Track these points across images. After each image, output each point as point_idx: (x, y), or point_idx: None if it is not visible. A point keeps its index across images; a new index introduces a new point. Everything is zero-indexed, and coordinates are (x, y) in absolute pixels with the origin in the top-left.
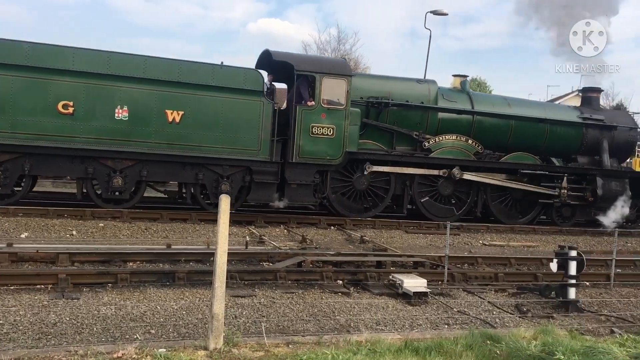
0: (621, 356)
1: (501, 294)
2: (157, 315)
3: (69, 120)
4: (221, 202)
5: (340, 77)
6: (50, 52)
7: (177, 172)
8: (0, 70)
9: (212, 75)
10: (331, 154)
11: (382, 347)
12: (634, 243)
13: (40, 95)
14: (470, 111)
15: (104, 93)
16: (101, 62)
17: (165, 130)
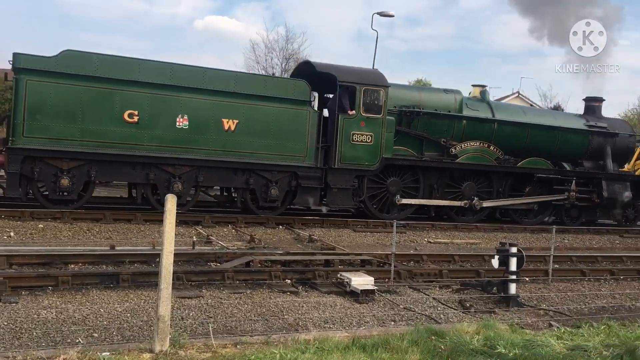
0: (558, 348)
1: (445, 290)
2: (101, 319)
3: (133, 129)
4: (167, 202)
5: (378, 88)
6: (117, 63)
7: (229, 177)
8: (71, 81)
9: (264, 85)
10: (369, 160)
11: (330, 345)
12: (570, 239)
13: (108, 105)
14: (492, 119)
15: (166, 103)
16: (164, 73)
17: (221, 137)
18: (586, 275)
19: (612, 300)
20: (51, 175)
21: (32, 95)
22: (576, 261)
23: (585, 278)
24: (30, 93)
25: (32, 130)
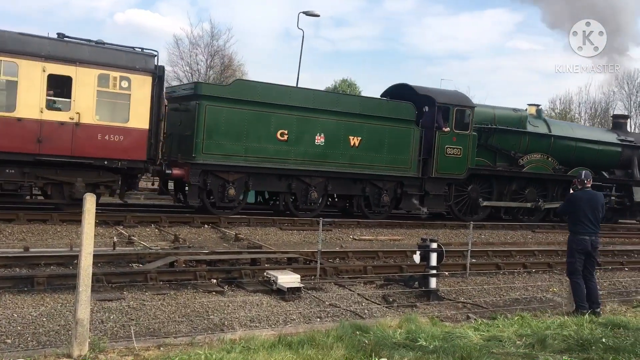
0: (475, 339)
1: (370, 286)
2: (14, 324)
3: (284, 146)
4: (85, 201)
5: (466, 108)
6: (275, 90)
7: (349, 186)
8: (240, 106)
9: (380, 107)
10: (458, 170)
11: (256, 344)
12: (487, 235)
13: (265, 126)
14: (549, 134)
15: (309, 123)
16: (308, 98)
17: (348, 152)
18: (501, 268)
19: (525, 293)
20: (219, 185)
21: (209, 118)
22: (492, 255)
23: (500, 271)
24: (208, 116)
25: (209, 148)
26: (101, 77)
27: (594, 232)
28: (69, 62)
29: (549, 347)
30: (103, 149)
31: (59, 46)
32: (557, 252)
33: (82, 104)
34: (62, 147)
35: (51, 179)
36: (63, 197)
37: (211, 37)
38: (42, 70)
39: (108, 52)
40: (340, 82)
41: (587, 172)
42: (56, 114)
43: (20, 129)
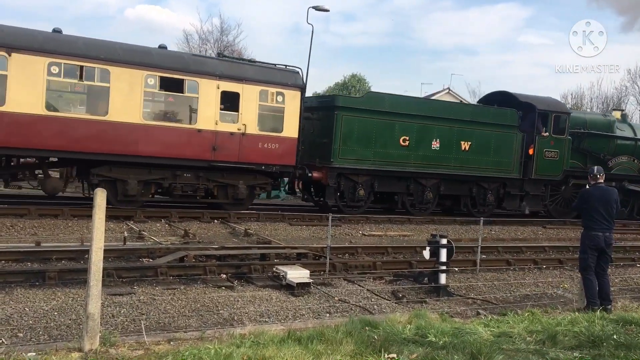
0: (485, 335)
1: (379, 282)
2: (26, 318)
3: (405, 151)
4: (96, 196)
5: (563, 114)
6: (399, 100)
7: (458, 187)
8: (370, 115)
9: (487, 114)
10: (555, 172)
11: (266, 339)
12: (497, 231)
13: (390, 133)
14: (635, 138)
15: (427, 130)
16: (426, 107)
17: (459, 156)
18: (512, 265)
19: (536, 289)
20: (350, 187)
21: (345, 127)
22: (502, 251)
23: (510, 268)
24: (344, 125)
25: (344, 153)
26: (262, 93)
27: (607, 228)
28: (237, 80)
29: (560, 344)
30: (262, 155)
31: (229, 66)
32: (568, 248)
33: (247, 116)
34: (231, 154)
35: (219, 182)
36: (227, 197)
37: (221, 33)
38: (217, 88)
39: (266, 71)
40: (349, 77)
41: (599, 168)
42: (227, 125)
43: (200, 139)
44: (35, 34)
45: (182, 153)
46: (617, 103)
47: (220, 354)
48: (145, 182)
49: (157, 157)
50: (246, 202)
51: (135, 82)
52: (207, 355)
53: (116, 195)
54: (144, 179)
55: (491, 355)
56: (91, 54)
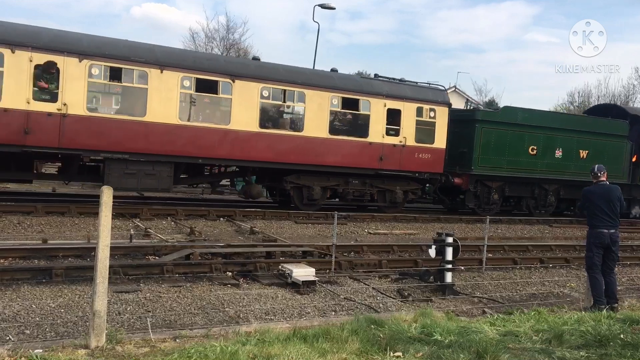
0: (491, 334)
1: (384, 280)
2: (33, 315)
3: (533, 159)
4: (102, 194)
5: None
6: (530, 113)
7: (574, 191)
8: (505, 127)
9: (603, 125)
10: None
11: (271, 337)
12: (503, 229)
13: (521, 143)
14: None
15: (551, 140)
16: (550, 119)
17: (578, 163)
18: (518, 263)
19: (542, 288)
20: (485, 191)
21: (483, 138)
22: (508, 250)
23: (517, 266)
24: (482, 136)
25: (482, 162)
26: (418, 109)
27: (612, 226)
28: (399, 98)
29: (566, 343)
30: (417, 164)
31: (393, 87)
32: (574, 247)
33: (406, 130)
34: (394, 163)
35: (381, 188)
36: (385, 201)
37: (227, 31)
38: (384, 106)
39: (421, 90)
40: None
41: (600, 166)
42: (391, 138)
43: (371, 151)
44: (247, 63)
45: (356, 162)
46: (624, 101)
47: (226, 351)
48: (324, 188)
49: (337, 166)
50: (400, 205)
51: (323, 102)
52: (213, 353)
53: (302, 199)
54: (324, 185)
55: (497, 354)
56: (291, 79)
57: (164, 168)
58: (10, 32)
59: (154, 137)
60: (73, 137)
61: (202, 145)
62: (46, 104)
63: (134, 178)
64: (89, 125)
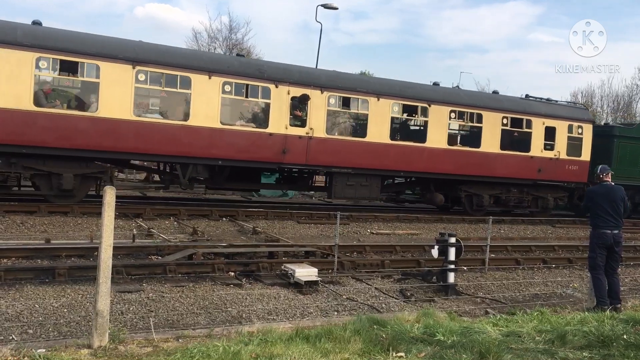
0: (494, 335)
1: (387, 280)
2: (36, 314)
3: None
4: (105, 194)
5: None
6: None
7: None
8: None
9: None
10: None
11: (274, 337)
12: (506, 230)
13: None
14: None
15: None
16: None
17: None
18: (521, 264)
19: (545, 288)
20: None
21: (620, 151)
22: (511, 250)
23: (519, 267)
24: (620, 149)
25: (617, 172)
26: (569, 127)
27: (615, 226)
28: (554, 118)
29: (569, 343)
30: (567, 174)
31: (549, 107)
32: (577, 247)
33: (559, 145)
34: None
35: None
36: (537, 207)
37: (229, 31)
38: (542, 124)
39: (570, 109)
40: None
41: (604, 167)
42: (548, 152)
43: (532, 164)
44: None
45: (519, 174)
46: (628, 102)
47: (229, 351)
48: (490, 196)
49: (503, 177)
50: (549, 210)
51: (496, 122)
52: (215, 353)
53: (472, 206)
54: (491, 193)
55: (500, 355)
56: (472, 103)
57: (374, 181)
58: (273, 70)
59: (370, 155)
60: (315, 156)
61: (405, 160)
62: (298, 129)
63: (352, 189)
64: (326, 146)
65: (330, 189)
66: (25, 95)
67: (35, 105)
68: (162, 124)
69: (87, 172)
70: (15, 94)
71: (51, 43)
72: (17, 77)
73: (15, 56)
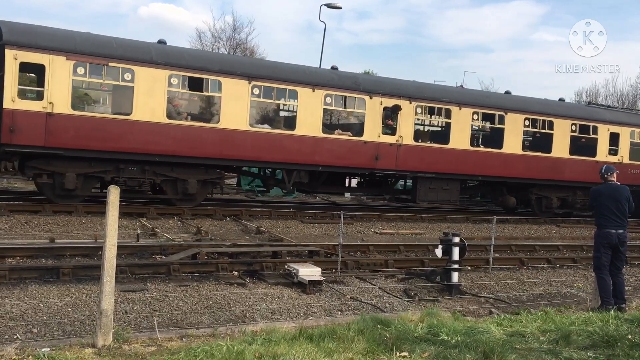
0: (498, 334)
1: (391, 280)
2: (40, 314)
3: None
4: (110, 193)
5: None
6: None
7: None
8: None
9: None
10: None
11: (277, 336)
12: (510, 229)
13: None
14: None
15: None
16: None
17: None
18: (525, 263)
19: (549, 288)
20: None
21: None
22: (515, 250)
23: (524, 266)
24: None
25: None
26: (631, 133)
27: (620, 226)
28: (618, 124)
29: (573, 343)
30: (630, 178)
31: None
32: (582, 247)
33: (623, 150)
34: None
35: None
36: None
37: (233, 31)
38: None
39: (632, 116)
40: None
41: (609, 166)
42: (612, 157)
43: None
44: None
45: (585, 177)
46: (632, 101)
47: (232, 350)
48: (558, 198)
49: (571, 180)
50: None
51: (565, 128)
52: (219, 352)
53: (541, 207)
54: (559, 195)
55: (504, 355)
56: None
57: (454, 185)
58: (367, 82)
59: (452, 160)
60: (404, 162)
61: (482, 165)
62: (389, 137)
63: (434, 192)
64: (414, 153)
65: (414, 193)
66: (159, 109)
67: (168, 118)
68: (273, 134)
69: (208, 177)
70: (151, 107)
71: (182, 62)
72: (153, 92)
73: (152, 74)
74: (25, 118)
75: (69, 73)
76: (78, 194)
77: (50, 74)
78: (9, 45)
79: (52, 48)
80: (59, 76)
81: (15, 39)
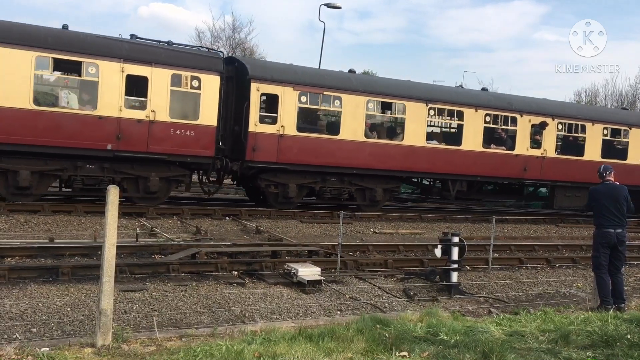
0: (497, 334)
1: (390, 280)
2: (39, 313)
3: None
4: (109, 193)
5: None
6: None
7: None
8: None
9: None
10: None
11: (277, 336)
12: (509, 229)
13: None
14: None
15: None
16: None
17: None
18: (524, 263)
19: (548, 287)
20: None
21: None
22: (515, 250)
23: (523, 266)
24: None
25: None
26: None
27: (619, 225)
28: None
29: (573, 343)
30: None
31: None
32: (581, 246)
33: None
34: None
35: None
36: None
37: (233, 30)
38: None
39: None
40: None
41: (607, 166)
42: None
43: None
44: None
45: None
46: (632, 101)
47: (232, 350)
48: None
49: None
50: None
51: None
52: (219, 352)
53: None
54: None
55: (503, 354)
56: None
57: (584, 193)
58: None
59: (585, 170)
60: (547, 173)
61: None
62: (535, 151)
63: (569, 199)
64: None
65: (552, 200)
66: (359, 129)
67: (365, 137)
68: (443, 149)
69: (389, 186)
70: (353, 128)
71: (376, 88)
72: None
73: (354, 100)
74: (263, 139)
75: (295, 101)
76: (295, 201)
77: (282, 102)
78: (254, 79)
79: (283, 80)
80: (288, 104)
81: (257, 74)
